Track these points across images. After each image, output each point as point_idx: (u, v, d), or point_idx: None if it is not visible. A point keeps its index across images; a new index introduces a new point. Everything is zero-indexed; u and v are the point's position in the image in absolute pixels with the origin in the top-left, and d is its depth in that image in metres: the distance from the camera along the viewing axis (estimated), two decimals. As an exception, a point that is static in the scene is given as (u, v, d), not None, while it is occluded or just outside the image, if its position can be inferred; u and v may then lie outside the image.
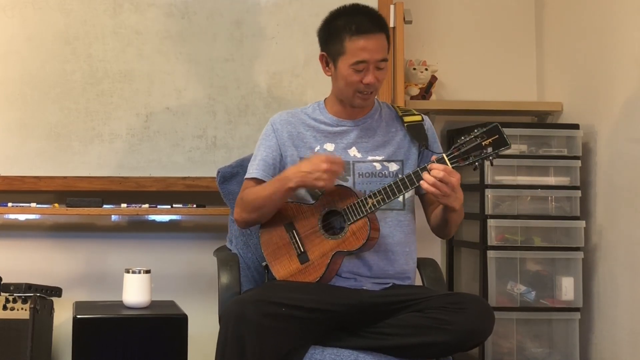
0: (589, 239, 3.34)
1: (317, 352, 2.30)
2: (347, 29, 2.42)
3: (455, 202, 2.34)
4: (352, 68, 2.42)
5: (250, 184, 2.55)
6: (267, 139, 2.58)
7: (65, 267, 3.41)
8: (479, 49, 3.75)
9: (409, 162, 2.54)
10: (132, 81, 3.29)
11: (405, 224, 2.53)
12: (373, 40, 2.41)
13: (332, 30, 2.46)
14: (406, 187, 2.36)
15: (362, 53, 2.41)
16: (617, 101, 3.20)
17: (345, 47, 2.42)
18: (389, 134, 2.56)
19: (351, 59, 2.42)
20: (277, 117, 2.61)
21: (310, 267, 2.45)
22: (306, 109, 2.62)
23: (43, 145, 3.25)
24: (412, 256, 2.56)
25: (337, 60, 2.45)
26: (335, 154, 2.52)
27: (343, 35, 2.42)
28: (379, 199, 2.38)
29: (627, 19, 3.15)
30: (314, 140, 2.54)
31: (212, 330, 2.38)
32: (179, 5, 3.31)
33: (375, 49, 2.41)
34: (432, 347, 2.27)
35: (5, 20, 3.23)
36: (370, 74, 2.42)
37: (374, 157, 2.52)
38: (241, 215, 2.54)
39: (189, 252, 3.48)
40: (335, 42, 2.44)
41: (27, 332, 2.93)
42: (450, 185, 2.29)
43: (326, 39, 2.49)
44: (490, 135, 2.30)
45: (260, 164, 2.55)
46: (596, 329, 3.31)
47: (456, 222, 2.48)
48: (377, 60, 2.42)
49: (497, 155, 2.30)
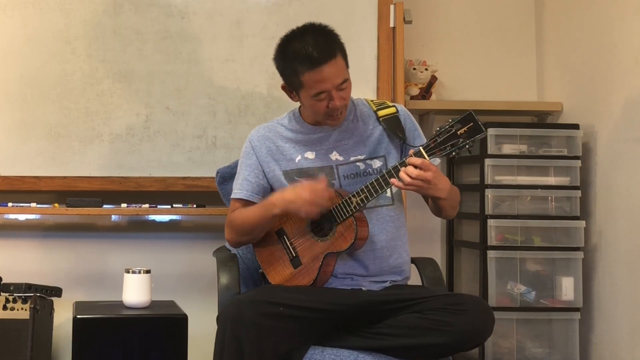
0: (589, 239, 3.34)
1: (317, 352, 2.31)
2: (299, 62, 2.37)
3: (438, 192, 2.34)
4: (314, 99, 2.41)
5: (236, 205, 2.56)
6: (247, 157, 2.58)
7: (65, 267, 3.41)
8: (479, 49, 3.75)
9: (391, 157, 2.53)
10: (132, 81, 3.29)
11: (395, 218, 2.53)
12: (327, 69, 2.36)
13: (286, 63, 2.43)
14: (387, 184, 2.36)
15: (320, 85, 2.37)
16: (617, 101, 3.20)
17: (302, 81, 2.39)
18: (367, 132, 2.55)
19: (311, 91, 2.39)
20: (254, 133, 2.60)
21: (304, 271, 2.46)
22: (282, 120, 2.61)
23: (43, 145, 3.25)
24: (405, 248, 2.57)
25: (298, 92, 2.44)
26: (317, 161, 2.52)
27: (298, 69, 2.38)
28: (362, 197, 2.39)
29: (627, 19, 3.15)
30: (294, 151, 2.54)
31: (212, 330, 2.38)
32: (179, 5, 3.31)
33: (332, 76, 2.37)
34: (432, 348, 2.27)
35: (5, 20, 3.23)
36: (334, 98, 2.40)
37: (356, 157, 2.52)
38: (232, 238, 2.56)
39: (188, 252, 3.48)
40: (292, 77, 2.42)
41: (27, 332, 2.94)
42: (425, 180, 2.30)
43: (282, 71, 2.46)
44: (465, 124, 2.29)
45: (244, 184, 2.56)
46: (596, 329, 3.31)
47: (450, 205, 2.48)
48: (337, 85, 2.39)
49: (473, 142, 2.29)
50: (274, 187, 2.55)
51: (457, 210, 2.57)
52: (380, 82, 3.36)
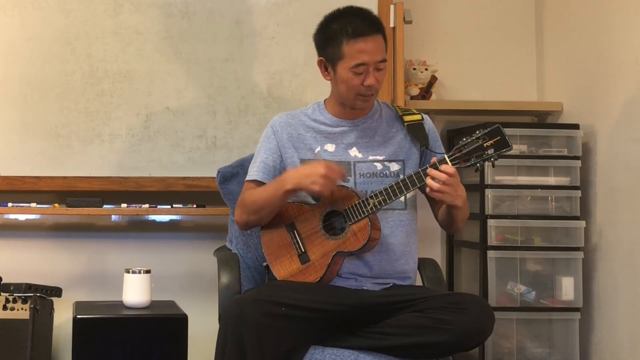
0: (589, 239, 3.34)
1: (317, 352, 2.30)
2: (343, 32, 2.41)
3: (457, 199, 2.35)
4: (352, 71, 2.42)
5: (250, 186, 2.55)
6: (267, 141, 2.58)
7: (65, 267, 3.41)
8: (479, 49, 3.75)
9: (410, 162, 2.54)
10: (132, 81, 3.29)
11: (406, 223, 2.53)
12: (371, 42, 2.40)
13: (328, 34, 2.45)
14: (408, 188, 2.37)
15: (361, 56, 2.40)
16: (617, 101, 3.20)
17: (343, 51, 2.41)
18: (390, 134, 2.56)
19: (351, 62, 2.41)
20: (276, 119, 2.61)
21: (311, 268, 2.44)
22: (306, 110, 2.62)
23: (43, 145, 3.25)
24: (413, 255, 2.56)
25: (336, 65, 2.45)
26: (336, 154, 2.52)
27: (340, 39, 2.41)
28: (380, 199, 2.38)
29: (627, 19, 3.15)
30: (314, 141, 2.54)
31: (212, 330, 2.38)
32: (179, 5, 3.31)
33: (373, 51, 2.41)
34: (432, 347, 2.27)
35: (5, 20, 3.23)
36: (370, 76, 2.42)
37: (375, 157, 2.52)
38: (242, 217, 2.54)
39: (189, 252, 3.48)
40: (333, 47, 2.43)
41: (27, 332, 2.94)
42: (452, 186, 2.31)
43: (323, 43, 2.48)
44: (492, 137, 2.31)
45: (261, 166, 2.55)
46: (596, 329, 3.31)
47: (462, 217, 2.49)
48: (376, 62, 2.42)
49: (499, 156, 2.31)
50: None
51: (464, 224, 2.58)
52: (381, 82, 3.36)
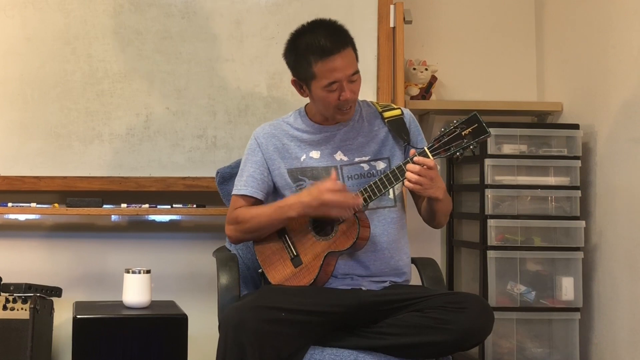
0: (589, 239, 3.34)
1: (317, 352, 2.30)
2: (312, 52, 2.40)
3: (436, 191, 2.36)
4: (326, 90, 2.42)
5: (239, 201, 2.56)
6: (252, 154, 2.58)
7: (65, 267, 3.41)
8: (479, 49, 3.75)
9: (395, 159, 2.54)
10: (132, 81, 3.29)
11: (396, 220, 2.54)
12: (339, 58, 2.39)
13: (298, 55, 2.45)
14: (391, 183, 2.38)
15: (332, 74, 2.40)
16: (617, 101, 3.20)
17: (314, 71, 2.41)
18: (372, 133, 2.56)
19: (323, 82, 2.41)
20: (259, 130, 2.61)
21: (304, 270, 2.45)
22: (287, 118, 2.62)
23: (43, 145, 3.25)
24: (405, 250, 2.57)
25: (309, 84, 2.45)
26: (322, 161, 2.52)
27: (309, 59, 2.41)
28: (365, 196, 2.40)
29: (627, 19, 3.15)
30: (299, 149, 2.54)
31: (212, 331, 2.38)
32: (179, 5, 3.31)
33: (344, 67, 2.40)
34: (432, 347, 2.27)
35: (5, 20, 3.23)
36: (345, 90, 2.42)
37: (360, 158, 2.53)
38: (235, 234, 2.55)
39: (188, 252, 3.48)
40: (304, 67, 2.43)
41: (27, 332, 2.93)
42: (429, 177, 2.32)
43: (294, 64, 2.48)
44: (470, 125, 2.32)
45: (249, 180, 2.55)
46: (596, 329, 3.31)
47: (443, 211, 2.50)
48: (348, 76, 2.41)
49: (478, 143, 2.32)
50: (277, 184, 2.55)
51: (447, 219, 2.58)
52: (380, 82, 3.36)
